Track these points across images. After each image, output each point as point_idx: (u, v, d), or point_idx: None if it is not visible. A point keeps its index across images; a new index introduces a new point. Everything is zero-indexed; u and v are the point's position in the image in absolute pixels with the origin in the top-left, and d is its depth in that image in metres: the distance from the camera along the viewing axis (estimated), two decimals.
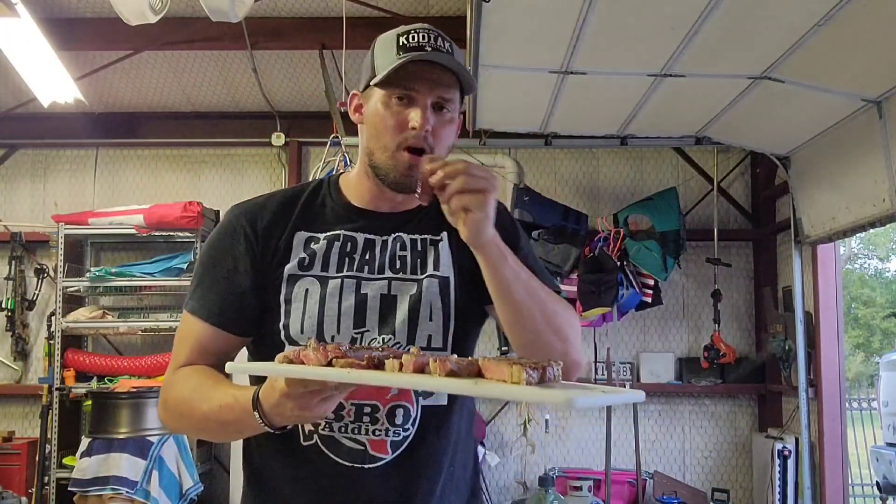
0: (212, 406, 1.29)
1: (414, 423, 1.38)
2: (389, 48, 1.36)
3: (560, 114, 4.17)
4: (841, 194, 4.00)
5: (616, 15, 2.95)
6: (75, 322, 4.98)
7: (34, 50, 3.95)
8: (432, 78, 1.34)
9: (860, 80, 3.37)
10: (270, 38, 4.66)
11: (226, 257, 1.42)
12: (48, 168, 5.59)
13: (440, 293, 1.40)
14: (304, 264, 1.39)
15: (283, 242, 1.41)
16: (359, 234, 1.43)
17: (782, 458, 4.59)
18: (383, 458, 1.36)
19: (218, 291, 1.40)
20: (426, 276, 1.41)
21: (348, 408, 1.35)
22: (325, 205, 1.46)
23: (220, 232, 1.45)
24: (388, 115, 1.35)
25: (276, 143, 5.36)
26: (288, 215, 1.43)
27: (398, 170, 1.35)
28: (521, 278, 1.28)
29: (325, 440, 1.36)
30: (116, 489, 4.23)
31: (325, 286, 1.38)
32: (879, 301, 19.03)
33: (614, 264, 4.71)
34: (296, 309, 1.37)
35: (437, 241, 1.44)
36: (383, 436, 1.35)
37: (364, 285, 1.39)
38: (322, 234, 1.42)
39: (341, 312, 1.36)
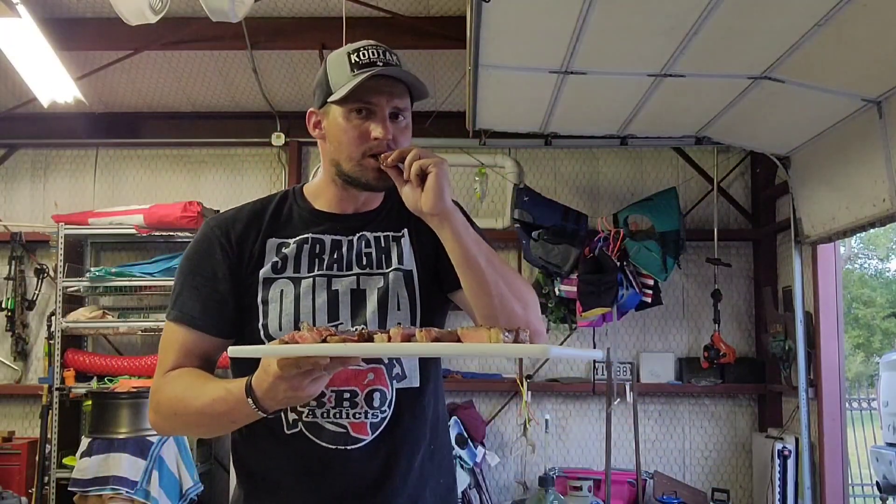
0: (205, 401, 1.38)
1: (390, 405, 1.49)
2: (342, 66, 1.47)
3: (560, 114, 4.17)
4: (841, 194, 4.00)
5: (616, 15, 2.95)
6: (75, 322, 4.98)
7: (34, 50, 3.95)
8: (388, 91, 1.47)
9: (860, 80, 3.37)
10: (270, 38, 4.66)
11: (204, 266, 1.51)
12: (48, 168, 5.59)
13: (405, 284, 1.52)
14: (278, 267, 1.51)
15: (257, 249, 1.52)
16: (326, 235, 1.54)
17: (782, 458, 4.59)
18: (364, 439, 1.47)
19: (198, 298, 1.50)
20: (391, 269, 1.53)
21: (329, 395, 1.45)
22: (292, 212, 1.58)
23: (196, 244, 1.55)
24: (350, 127, 1.46)
25: (276, 143, 5.36)
26: (259, 224, 1.55)
27: (368, 175, 1.47)
28: (482, 247, 1.40)
29: (309, 426, 1.46)
30: (116, 489, 4.23)
31: (298, 286, 1.49)
32: (879, 301, 19.03)
33: (614, 264, 4.70)
34: (273, 309, 1.48)
35: (399, 238, 1.57)
36: (363, 418, 1.47)
37: (334, 282, 1.50)
38: (291, 238, 1.53)
39: (315, 308, 1.48)
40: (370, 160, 1.46)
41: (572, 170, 5.48)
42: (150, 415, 1.53)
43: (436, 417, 1.58)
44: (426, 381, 1.54)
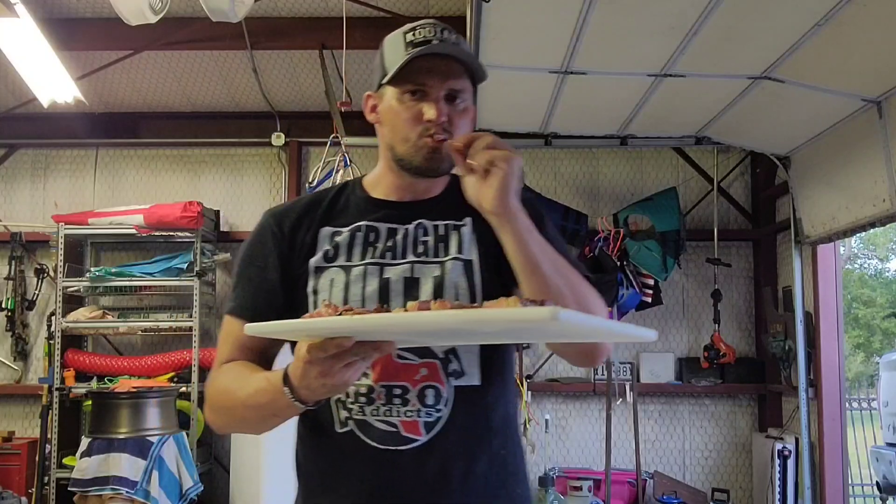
0: (248, 391, 1.32)
1: (446, 403, 1.38)
2: (397, 46, 1.41)
3: (560, 114, 4.17)
4: (841, 194, 4.00)
5: (616, 15, 2.95)
6: (75, 322, 4.98)
7: (34, 50, 3.95)
8: (441, 70, 1.38)
9: (860, 80, 3.37)
10: (270, 38, 4.66)
11: (256, 257, 1.48)
12: (48, 168, 5.59)
13: (465, 274, 1.42)
14: (329, 256, 1.44)
15: (309, 238, 1.46)
16: (381, 223, 1.46)
17: (782, 458, 4.59)
18: (417, 439, 1.36)
19: (250, 289, 1.47)
20: (449, 258, 1.43)
21: (378, 390, 1.37)
22: (349, 201, 1.52)
23: (252, 236, 1.52)
24: (403, 109, 1.40)
25: (276, 143, 5.36)
26: (313, 213, 1.49)
27: (421, 156, 1.39)
28: (547, 254, 1.29)
29: (359, 424, 1.38)
30: (116, 489, 4.23)
31: (348, 274, 1.42)
32: (879, 301, 19.03)
33: (614, 264, 4.71)
34: (322, 299, 1.41)
35: (460, 226, 1.47)
36: (415, 416, 1.36)
37: (387, 270, 1.42)
38: (345, 227, 1.47)
39: (365, 296, 1.39)
40: (425, 140, 1.38)
41: (572, 170, 5.48)
42: (206, 411, 1.45)
43: (503, 421, 1.45)
44: (488, 380, 1.41)
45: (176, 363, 5.01)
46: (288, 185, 5.48)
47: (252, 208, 5.53)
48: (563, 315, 0.90)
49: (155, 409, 4.49)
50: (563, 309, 0.91)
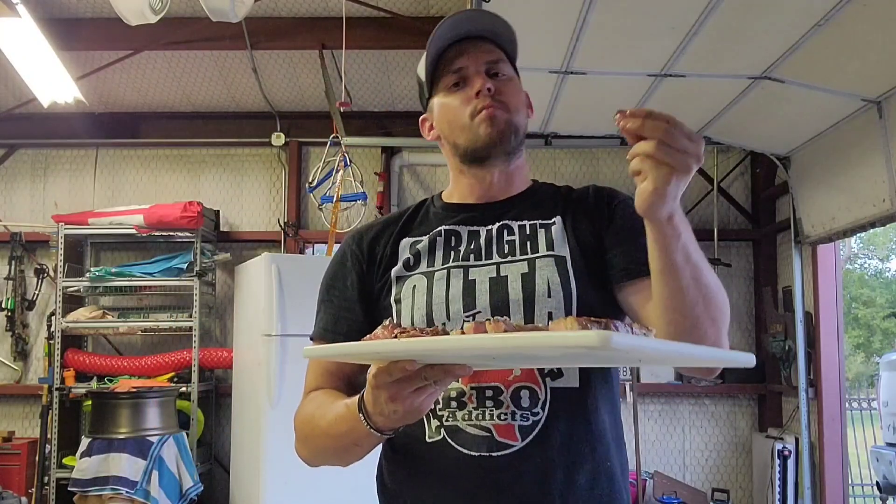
0: (329, 420, 1.26)
1: (544, 406, 1.27)
2: (424, 58, 1.40)
3: (560, 114, 4.17)
4: (841, 194, 4.00)
5: (616, 15, 2.95)
6: (75, 322, 4.98)
7: (34, 50, 3.95)
8: (470, 51, 1.37)
9: (860, 80, 3.37)
10: (270, 38, 4.66)
11: (337, 279, 1.45)
12: (48, 168, 5.59)
13: (557, 269, 1.31)
14: (410, 264, 1.39)
15: (389, 250, 1.42)
16: (461, 226, 1.41)
17: (782, 458, 4.59)
18: (513, 444, 1.25)
19: (331, 311, 1.43)
20: (538, 255, 1.34)
21: (469, 393, 1.28)
22: (428, 212, 1.48)
23: (332, 258, 1.50)
24: (451, 100, 1.38)
25: (276, 143, 5.36)
26: (393, 227, 1.46)
27: (484, 133, 1.35)
28: (690, 261, 1.14)
29: (450, 431, 1.28)
30: (116, 489, 4.23)
31: (431, 278, 1.35)
32: (879, 301, 19.02)
33: None
34: (406, 306, 1.34)
35: (549, 225, 1.38)
36: (510, 420, 1.26)
37: (472, 272, 1.34)
38: (425, 235, 1.41)
39: (449, 298, 1.31)
40: (479, 116, 1.34)
41: (572, 170, 5.48)
42: (295, 444, 1.37)
43: (607, 428, 1.32)
44: (588, 383, 1.30)
45: (176, 363, 5.01)
46: (288, 185, 5.48)
47: (252, 208, 5.53)
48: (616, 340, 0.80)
49: (155, 409, 4.49)
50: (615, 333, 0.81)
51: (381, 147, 5.40)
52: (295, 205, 5.46)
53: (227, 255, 5.28)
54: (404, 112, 5.40)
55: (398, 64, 4.98)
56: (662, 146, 1.00)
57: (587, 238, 1.35)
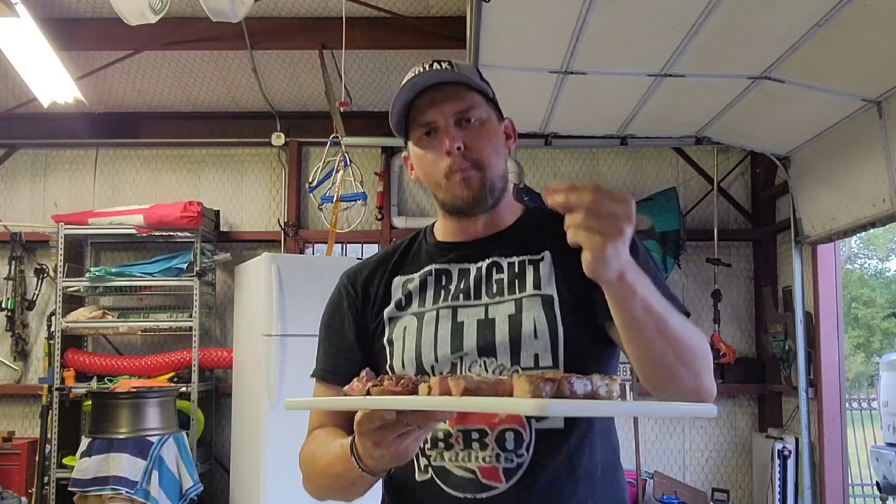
0: (327, 459, 1.29)
1: (528, 448, 1.29)
2: (398, 101, 1.38)
3: (560, 114, 4.17)
4: (841, 194, 4.00)
5: (616, 15, 2.95)
6: (75, 322, 4.98)
7: (34, 50, 3.95)
8: (437, 99, 1.35)
9: (860, 80, 3.37)
10: (270, 38, 4.67)
11: (334, 318, 1.47)
12: (48, 168, 5.59)
13: (543, 310, 1.32)
14: (402, 305, 1.40)
15: (382, 290, 1.44)
16: (451, 265, 1.42)
17: (782, 458, 4.59)
18: (497, 486, 1.28)
19: (330, 351, 1.45)
20: (525, 295, 1.34)
21: (455, 434, 1.30)
22: (420, 248, 1.48)
23: (330, 298, 1.51)
24: (424, 154, 1.37)
25: (276, 143, 5.36)
26: (385, 265, 1.47)
27: (455, 194, 1.35)
28: (652, 314, 1.13)
29: (438, 472, 1.32)
30: (116, 489, 4.23)
31: (421, 319, 1.37)
32: (879, 301, 19.03)
33: None
34: (398, 348, 1.37)
35: (537, 261, 1.38)
36: (494, 462, 1.28)
37: (460, 313, 1.36)
38: (416, 273, 1.43)
39: (437, 340, 1.33)
40: (452, 178, 1.34)
41: (572, 170, 5.48)
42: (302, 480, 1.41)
43: (593, 467, 1.34)
44: (574, 423, 1.31)
45: (176, 363, 5.01)
46: (288, 185, 5.48)
47: (252, 208, 5.53)
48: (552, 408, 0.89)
49: (155, 409, 4.49)
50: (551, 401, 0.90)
51: (381, 147, 5.40)
52: (295, 205, 5.46)
53: (227, 255, 5.28)
54: None
55: (398, 64, 4.98)
56: (590, 216, 1.01)
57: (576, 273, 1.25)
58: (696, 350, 1.20)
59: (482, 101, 1.38)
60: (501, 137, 1.41)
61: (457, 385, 1.00)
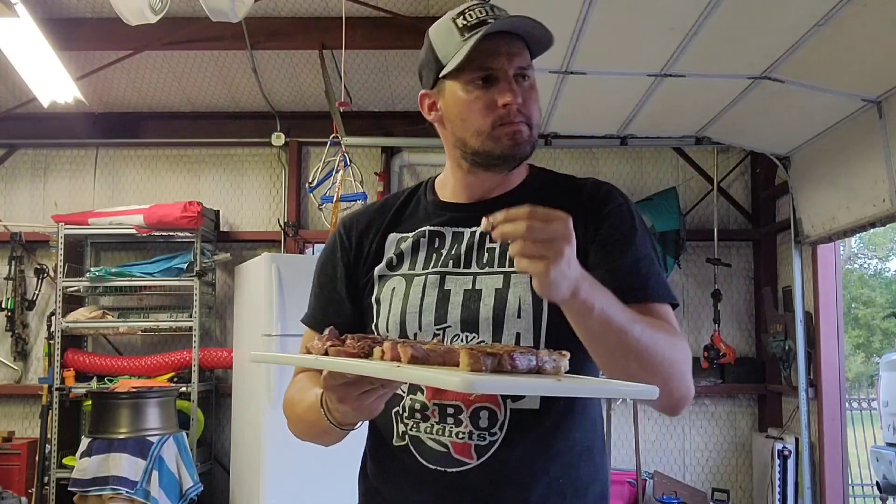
0: (304, 406, 1.32)
1: (502, 427, 1.28)
2: (450, 34, 1.31)
3: (560, 114, 4.17)
4: (841, 194, 4.00)
5: (616, 15, 2.95)
6: (75, 322, 4.98)
7: (34, 50, 3.95)
8: (507, 50, 1.29)
9: (860, 80, 3.37)
10: (270, 38, 4.66)
11: (327, 266, 1.47)
12: (48, 168, 5.59)
13: (531, 289, 1.27)
14: (393, 264, 1.40)
15: (375, 245, 1.43)
16: (446, 227, 1.39)
17: (782, 458, 4.59)
18: (468, 462, 1.29)
19: (321, 299, 1.46)
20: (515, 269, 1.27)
21: (432, 408, 1.31)
22: (418, 205, 1.45)
23: (327, 243, 1.51)
24: (473, 99, 1.30)
25: (276, 143, 5.36)
26: (382, 219, 1.45)
27: (503, 145, 1.30)
28: (612, 327, 1.12)
29: (414, 441, 1.33)
30: (116, 489, 4.23)
31: (409, 283, 1.36)
32: (879, 301, 19.03)
33: None
34: (384, 309, 1.36)
35: None
36: (467, 439, 1.29)
37: (448, 280, 1.34)
38: (411, 232, 1.41)
39: (422, 308, 1.33)
40: (503, 129, 1.29)
41: (572, 170, 5.47)
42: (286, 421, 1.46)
43: (568, 449, 1.33)
44: (551, 403, 1.30)
45: (176, 363, 5.01)
46: (288, 185, 5.48)
47: (252, 208, 5.53)
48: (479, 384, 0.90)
49: (155, 409, 4.49)
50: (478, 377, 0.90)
51: (381, 147, 5.40)
52: (295, 205, 5.46)
53: (227, 255, 5.28)
54: (404, 112, 5.40)
55: (398, 64, 4.98)
56: (527, 245, 1.02)
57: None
58: (664, 359, 1.18)
59: (531, 63, 1.35)
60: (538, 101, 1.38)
61: (405, 352, 1.00)
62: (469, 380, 0.87)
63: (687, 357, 1.24)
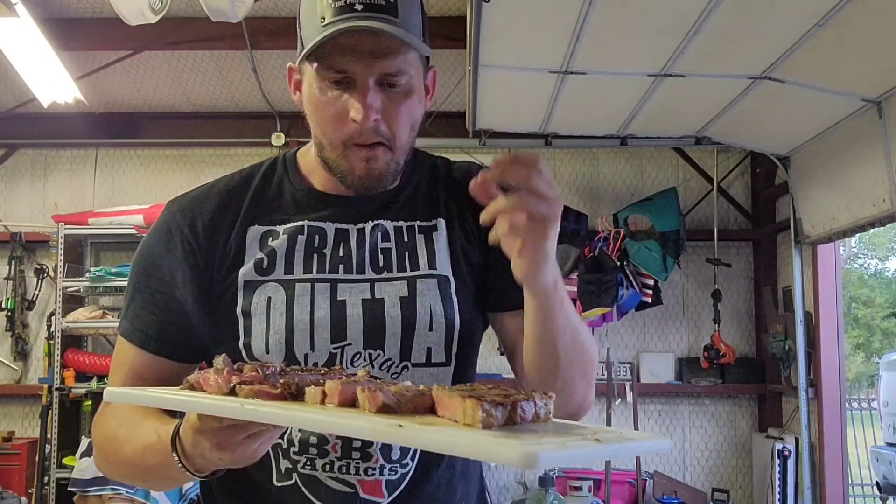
0: (135, 447, 1.06)
1: (413, 457, 1.14)
2: (312, 12, 1.07)
3: (560, 114, 4.17)
4: (841, 194, 4.00)
5: (616, 15, 2.95)
6: (75, 322, 4.98)
7: (34, 50, 3.94)
8: (367, 50, 1.04)
9: (860, 80, 3.37)
10: (270, 38, 4.66)
11: (160, 267, 1.15)
12: (48, 168, 5.59)
13: (440, 296, 1.14)
14: (263, 266, 1.14)
15: (234, 241, 1.15)
16: (327, 223, 1.16)
17: (782, 458, 4.59)
18: (378, 501, 1.12)
19: (152, 310, 1.15)
20: (418, 274, 1.15)
21: (333, 442, 1.11)
22: (282, 190, 1.19)
23: (154, 234, 1.18)
24: (325, 103, 1.08)
25: (276, 143, 5.36)
26: (237, 207, 1.17)
27: (355, 171, 1.10)
28: (570, 324, 1.02)
29: (306, 480, 1.12)
30: (116, 489, 4.23)
31: (291, 292, 1.12)
32: (879, 301, 19.04)
33: (614, 264, 4.71)
34: (257, 323, 1.12)
35: (430, 229, 1.18)
36: (377, 475, 1.12)
37: (341, 289, 1.13)
38: (281, 226, 1.16)
39: (314, 324, 1.11)
40: (354, 151, 1.08)
41: (572, 170, 5.48)
42: (94, 457, 1.17)
43: (466, 465, 1.23)
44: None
45: None
46: None
47: None
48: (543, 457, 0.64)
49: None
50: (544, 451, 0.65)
51: None
52: None
53: None
54: None
55: None
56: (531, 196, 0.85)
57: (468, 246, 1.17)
58: (592, 359, 1.11)
59: (415, 56, 1.09)
60: (423, 105, 1.14)
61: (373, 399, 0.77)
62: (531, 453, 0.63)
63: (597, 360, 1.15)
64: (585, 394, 1.10)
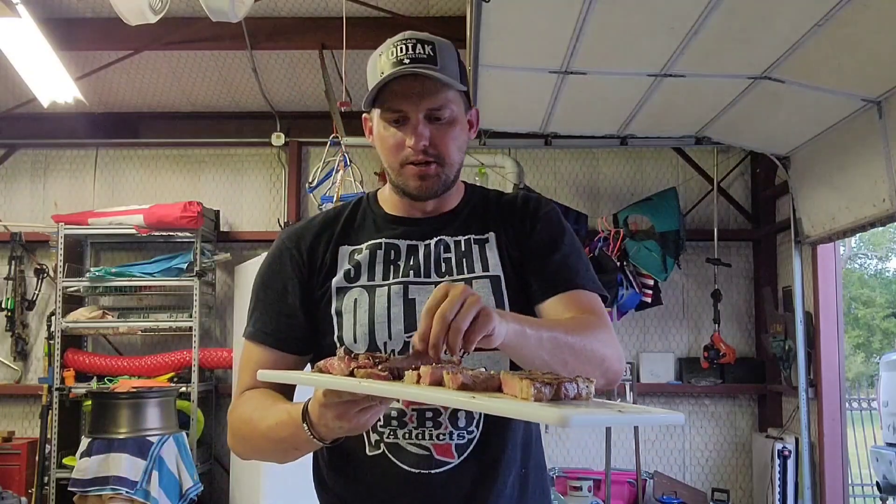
0: (269, 423, 1.31)
1: (478, 425, 1.37)
2: (374, 68, 1.40)
3: (560, 114, 4.17)
4: (841, 194, 4.00)
5: (616, 15, 2.95)
6: (75, 322, 4.98)
7: (34, 50, 3.95)
8: (416, 92, 1.36)
9: (860, 80, 3.37)
10: (270, 38, 4.67)
11: (275, 280, 1.47)
12: (48, 168, 5.59)
13: (493, 293, 1.39)
14: (351, 276, 1.43)
15: (329, 258, 1.45)
16: (400, 240, 1.45)
17: (782, 458, 4.59)
18: (449, 462, 1.36)
19: (270, 314, 1.45)
20: (475, 276, 1.41)
21: (410, 414, 1.36)
22: (365, 217, 1.50)
23: (269, 257, 1.51)
24: (388, 136, 1.39)
25: (276, 143, 5.36)
26: (331, 232, 1.48)
27: (410, 184, 1.40)
28: (543, 343, 1.19)
29: (391, 448, 1.37)
30: (116, 489, 4.23)
31: (372, 294, 1.40)
32: (879, 301, 19.03)
33: (614, 264, 4.70)
34: (347, 320, 1.39)
35: (483, 241, 1.45)
36: (447, 440, 1.36)
37: (412, 290, 1.40)
38: (364, 244, 1.46)
39: (391, 318, 1.38)
40: (409, 168, 1.38)
41: (572, 170, 5.48)
42: (229, 439, 1.45)
43: (528, 437, 1.45)
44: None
45: (176, 363, 5.01)
46: (288, 185, 5.48)
47: (252, 208, 5.53)
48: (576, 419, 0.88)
49: (155, 409, 4.49)
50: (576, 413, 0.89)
51: None
52: (295, 205, 5.46)
53: (227, 255, 5.28)
54: None
55: None
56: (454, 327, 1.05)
57: (515, 253, 1.44)
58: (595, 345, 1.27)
59: (455, 96, 1.40)
60: (466, 133, 1.44)
61: (454, 379, 1.03)
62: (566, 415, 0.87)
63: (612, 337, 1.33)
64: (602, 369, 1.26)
